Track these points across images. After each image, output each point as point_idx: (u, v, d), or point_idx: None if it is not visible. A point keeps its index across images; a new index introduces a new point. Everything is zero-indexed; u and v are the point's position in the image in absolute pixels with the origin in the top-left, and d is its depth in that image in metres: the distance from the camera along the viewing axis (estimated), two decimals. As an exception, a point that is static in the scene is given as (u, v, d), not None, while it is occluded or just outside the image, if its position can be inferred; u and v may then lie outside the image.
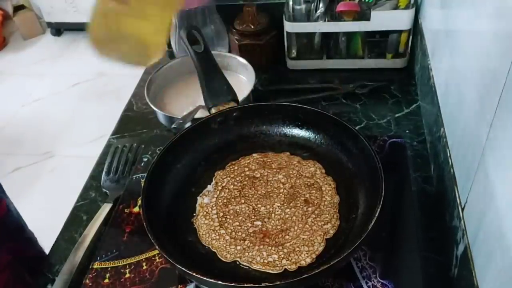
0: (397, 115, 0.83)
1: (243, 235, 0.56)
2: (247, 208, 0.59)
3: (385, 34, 0.90)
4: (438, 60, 0.73)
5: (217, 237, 0.56)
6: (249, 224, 0.57)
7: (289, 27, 0.90)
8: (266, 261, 0.53)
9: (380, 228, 0.63)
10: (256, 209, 0.59)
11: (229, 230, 0.57)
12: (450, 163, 0.60)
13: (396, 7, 0.86)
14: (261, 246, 0.54)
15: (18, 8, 3.05)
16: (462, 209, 0.53)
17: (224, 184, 0.63)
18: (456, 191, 0.56)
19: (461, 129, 0.57)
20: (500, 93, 0.42)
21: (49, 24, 3.03)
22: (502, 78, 0.41)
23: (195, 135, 0.65)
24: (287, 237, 0.55)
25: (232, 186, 0.63)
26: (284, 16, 0.90)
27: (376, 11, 0.85)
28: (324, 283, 0.57)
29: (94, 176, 0.78)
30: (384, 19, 0.86)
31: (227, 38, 0.97)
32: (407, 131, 0.79)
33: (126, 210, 0.69)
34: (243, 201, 0.60)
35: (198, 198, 0.62)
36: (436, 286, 0.57)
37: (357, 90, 0.88)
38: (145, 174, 0.58)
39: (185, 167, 0.64)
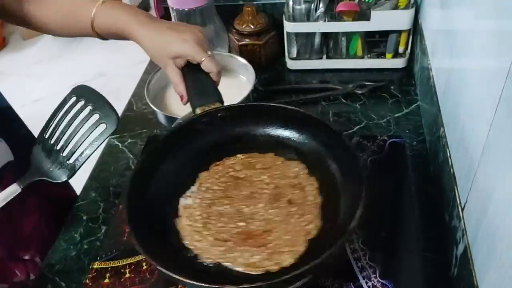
0: (396, 115, 0.83)
1: (227, 236, 0.54)
2: (230, 209, 0.57)
3: (385, 34, 0.90)
4: (438, 60, 0.73)
5: (201, 238, 0.55)
6: (233, 225, 0.56)
7: (289, 27, 0.90)
8: (248, 262, 0.52)
9: (380, 228, 0.63)
10: (240, 210, 0.57)
11: (213, 231, 0.55)
12: (450, 163, 0.60)
13: (396, 7, 0.86)
14: (244, 247, 0.53)
15: (18, 8, 3.05)
16: (462, 209, 0.53)
17: (208, 185, 0.61)
18: (456, 191, 0.56)
19: (461, 129, 0.57)
20: (500, 93, 0.42)
21: (49, 24, 3.02)
22: (502, 78, 0.42)
23: (180, 136, 0.64)
24: (270, 237, 0.54)
25: (216, 187, 0.61)
26: (284, 16, 0.90)
27: (376, 11, 0.85)
28: (324, 283, 0.57)
29: (94, 176, 0.79)
30: (384, 19, 0.86)
31: (227, 38, 0.97)
32: (407, 131, 0.79)
33: (126, 210, 0.69)
34: (227, 202, 0.58)
35: (181, 199, 0.60)
36: (436, 286, 0.57)
37: (357, 90, 0.88)
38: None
39: (170, 169, 0.63)
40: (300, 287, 0.55)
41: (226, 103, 0.67)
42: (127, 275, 0.61)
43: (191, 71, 0.67)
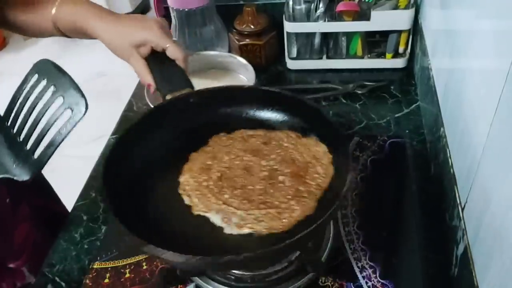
0: (397, 115, 0.83)
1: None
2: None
3: (385, 34, 0.90)
4: (438, 60, 0.73)
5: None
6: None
7: (289, 27, 0.90)
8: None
9: (380, 228, 0.63)
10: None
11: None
12: (450, 163, 0.60)
13: (396, 7, 0.86)
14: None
15: (18, 8, 3.05)
16: (462, 209, 0.53)
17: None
18: (456, 191, 0.56)
19: (461, 129, 0.57)
20: (500, 93, 0.42)
21: (49, 24, 3.02)
22: (502, 78, 0.42)
23: (152, 123, 0.62)
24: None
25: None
26: (284, 16, 0.90)
27: (376, 11, 0.85)
28: (325, 283, 0.57)
29: (94, 176, 0.79)
30: (384, 19, 0.86)
31: (227, 38, 0.97)
32: (407, 131, 0.79)
33: (126, 210, 0.69)
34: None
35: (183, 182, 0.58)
36: (436, 286, 0.57)
37: (357, 90, 0.88)
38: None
39: (141, 157, 0.60)
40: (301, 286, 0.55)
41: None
42: (127, 275, 0.61)
43: (156, 60, 0.66)
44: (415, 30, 0.90)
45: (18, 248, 0.72)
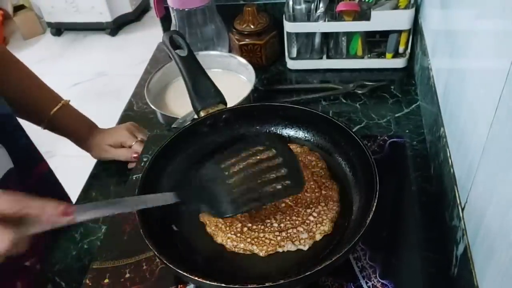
0: (397, 115, 0.83)
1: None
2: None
3: (385, 34, 0.90)
4: (438, 60, 0.73)
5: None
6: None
7: (289, 27, 0.90)
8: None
9: (380, 227, 0.63)
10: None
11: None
12: (450, 163, 0.60)
13: (396, 7, 0.86)
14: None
15: (18, 8, 3.05)
16: (462, 209, 0.53)
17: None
18: (456, 191, 0.56)
19: (461, 129, 0.57)
20: (500, 93, 0.42)
21: (49, 24, 3.03)
22: (502, 78, 0.41)
23: (184, 139, 0.64)
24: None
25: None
26: (284, 16, 0.90)
27: (376, 11, 0.85)
28: (324, 282, 0.57)
29: (95, 175, 0.79)
30: (384, 19, 0.86)
31: (227, 38, 0.98)
32: (407, 131, 0.79)
33: (126, 210, 0.69)
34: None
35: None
36: (436, 286, 0.57)
37: (357, 90, 0.88)
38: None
39: (177, 173, 0.63)
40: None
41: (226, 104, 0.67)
42: (127, 275, 0.61)
43: (191, 75, 0.67)
44: (415, 30, 0.90)
45: (33, 246, 0.73)
